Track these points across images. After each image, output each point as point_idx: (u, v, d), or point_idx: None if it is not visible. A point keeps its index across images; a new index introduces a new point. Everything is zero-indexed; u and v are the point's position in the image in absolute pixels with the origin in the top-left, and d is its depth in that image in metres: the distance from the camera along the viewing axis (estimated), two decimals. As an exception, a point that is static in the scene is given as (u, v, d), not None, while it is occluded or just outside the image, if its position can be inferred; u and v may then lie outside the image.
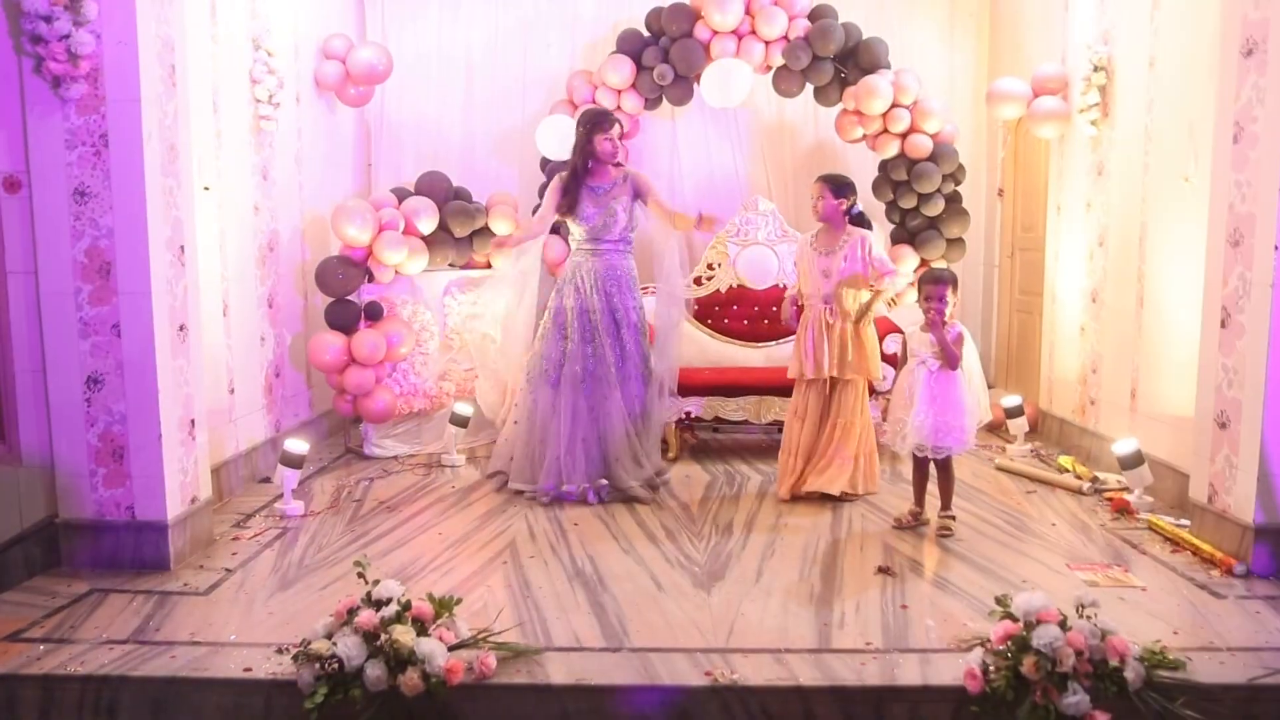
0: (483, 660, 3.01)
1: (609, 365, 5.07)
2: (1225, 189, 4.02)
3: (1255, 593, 3.71)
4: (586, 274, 5.12)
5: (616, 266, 5.15)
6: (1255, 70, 3.82)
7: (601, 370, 5.07)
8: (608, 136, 5.06)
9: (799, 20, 6.33)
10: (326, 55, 6.29)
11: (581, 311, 5.10)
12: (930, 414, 4.36)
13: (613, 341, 5.09)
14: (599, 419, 5.08)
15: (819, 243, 5.00)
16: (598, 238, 5.12)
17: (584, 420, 5.06)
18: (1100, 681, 2.89)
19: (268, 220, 5.61)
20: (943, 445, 4.38)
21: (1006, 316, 7.21)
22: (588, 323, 5.09)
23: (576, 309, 5.10)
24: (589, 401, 5.07)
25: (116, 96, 3.79)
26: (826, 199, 4.94)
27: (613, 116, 5.20)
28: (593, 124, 5.09)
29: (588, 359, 5.09)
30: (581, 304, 5.11)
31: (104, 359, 3.91)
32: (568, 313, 5.12)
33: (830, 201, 4.94)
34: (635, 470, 5.06)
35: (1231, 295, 3.99)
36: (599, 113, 5.24)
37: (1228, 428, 4.02)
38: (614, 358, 5.08)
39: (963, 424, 4.39)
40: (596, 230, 5.11)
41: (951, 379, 4.37)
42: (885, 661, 3.10)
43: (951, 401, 4.36)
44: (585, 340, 5.09)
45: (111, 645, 3.26)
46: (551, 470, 5.02)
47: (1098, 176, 5.71)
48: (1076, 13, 5.99)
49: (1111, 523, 4.62)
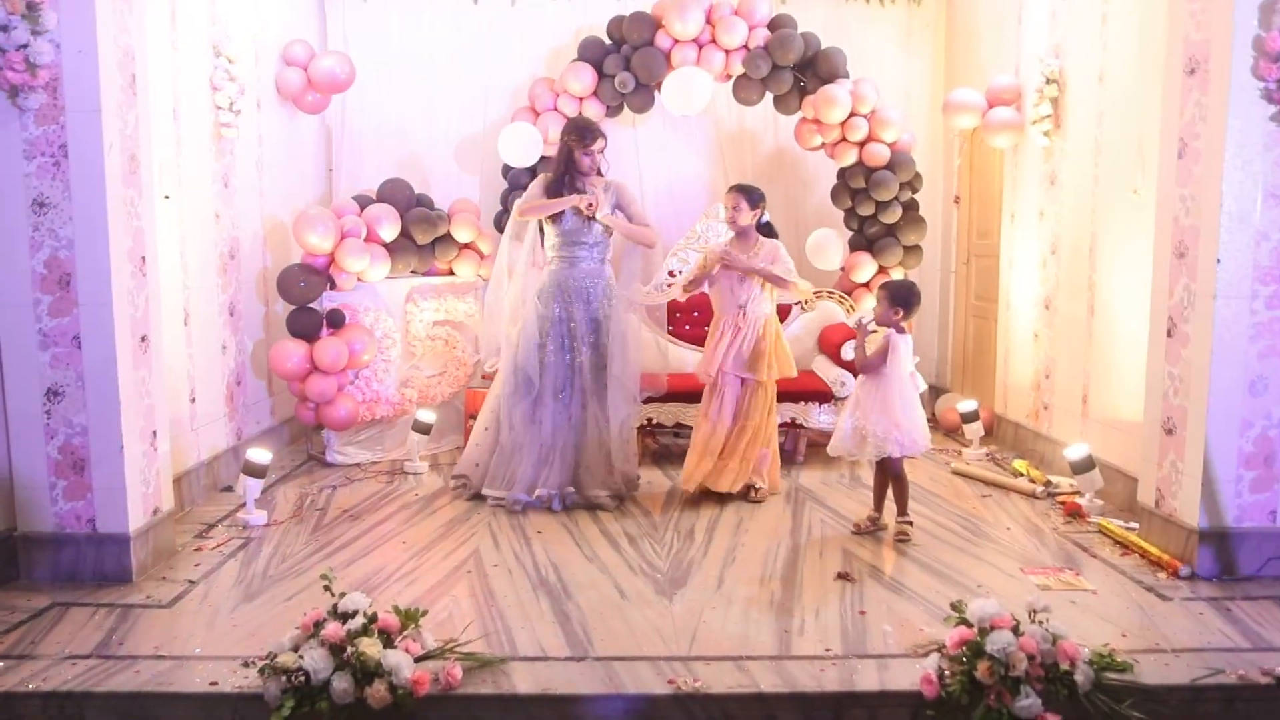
0: (449, 671, 3.03)
1: (587, 375, 5.11)
2: (1170, 203, 4.14)
3: (1199, 594, 3.82)
4: (565, 283, 5.13)
5: (594, 274, 5.18)
6: (1198, 89, 3.94)
7: (580, 380, 5.12)
8: (587, 151, 5.12)
9: (759, 29, 6.41)
10: (288, 62, 6.27)
11: (560, 320, 5.12)
12: (858, 420, 4.48)
13: (591, 351, 5.12)
14: (575, 428, 5.12)
15: (737, 249, 5.15)
16: (575, 243, 5.13)
17: (562, 430, 5.10)
18: (1051, 685, 2.97)
19: (229, 228, 5.58)
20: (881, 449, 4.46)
21: (963, 322, 7.34)
22: (566, 332, 5.12)
23: (555, 318, 5.12)
24: (567, 411, 5.12)
25: (76, 106, 3.77)
26: (743, 209, 5.10)
27: (596, 131, 5.20)
28: (576, 137, 5.14)
29: (565, 368, 5.12)
30: (560, 313, 5.12)
31: (64, 371, 3.89)
32: (546, 322, 5.12)
33: (746, 211, 5.10)
34: (605, 479, 5.08)
35: (1177, 306, 4.11)
36: (583, 127, 5.24)
37: (1174, 434, 4.15)
38: (591, 367, 5.12)
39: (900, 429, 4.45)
40: (573, 235, 5.13)
41: (884, 385, 4.44)
42: (844, 667, 3.17)
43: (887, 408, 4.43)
44: (564, 349, 5.12)
45: (74, 660, 3.24)
46: (525, 479, 5.04)
47: (1050, 186, 5.84)
48: (1029, 25, 6.12)
49: (1064, 526, 4.74)
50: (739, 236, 5.20)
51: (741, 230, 5.17)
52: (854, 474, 5.63)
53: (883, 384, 4.45)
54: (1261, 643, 3.38)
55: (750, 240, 5.17)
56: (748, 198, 5.13)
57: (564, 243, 5.15)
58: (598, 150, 5.18)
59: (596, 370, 5.12)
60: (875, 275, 6.63)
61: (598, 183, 5.20)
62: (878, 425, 4.41)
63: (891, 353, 4.43)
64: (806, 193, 7.28)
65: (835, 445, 4.59)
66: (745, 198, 5.12)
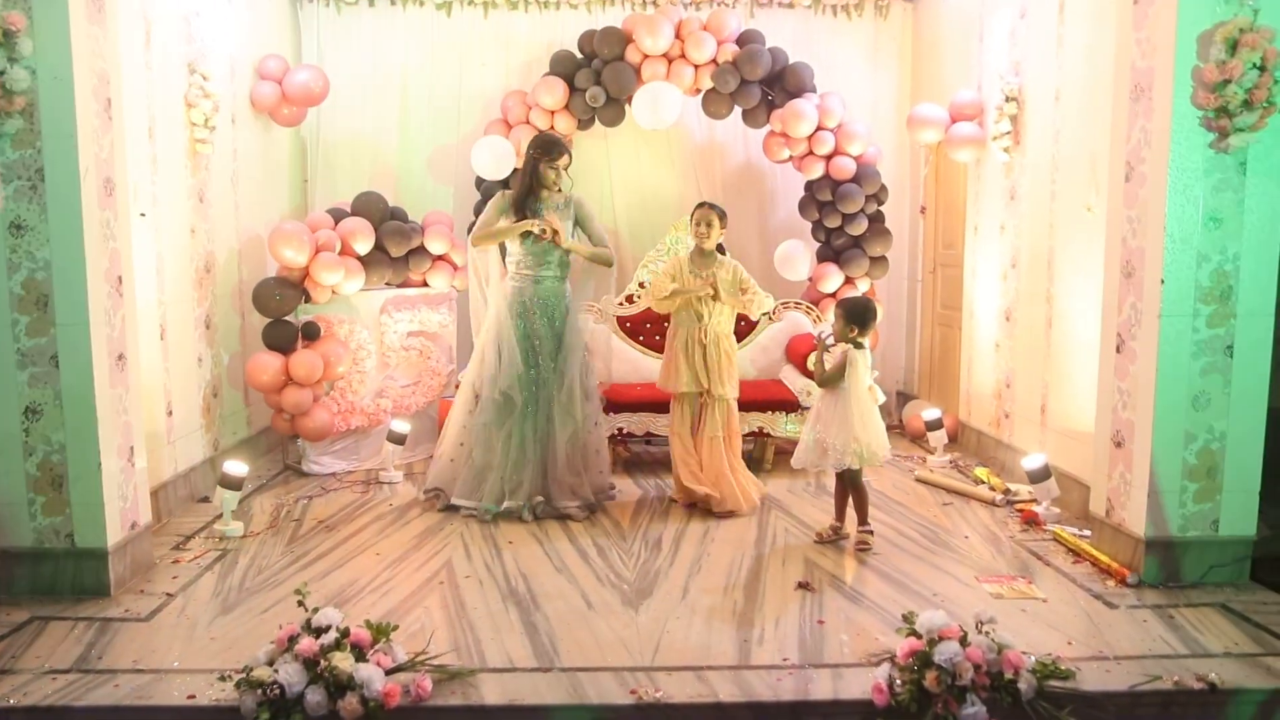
0: (419, 683, 3.14)
1: (552, 389, 5.21)
2: (1119, 223, 4.29)
3: (1145, 602, 3.98)
4: (529, 300, 5.23)
5: (557, 293, 5.27)
6: (1143, 115, 4.09)
7: (545, 395, 5.22)
8: (553, 165, 5.21)
9: (728, 45, 6.53)
10: (262, 76, 6.35)
11: (525, 337, 5.22)
12: (819, 432, 4.62)
13: (556, 366, 5.23)
14: (542, 441, 5.22)
15: (695, 266, 5.26)
16: (540, 262, 5.22)
17: (529, 444, 5.20)
18: (996, 693, 3.11)
19: (204, 242, 5.66)
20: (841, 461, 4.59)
21: (929, 330, 7.49)
22: (531, 349, 5.22)
23: (521, 335, 5.22)
24: (534, 424, 5.21)
25: (52, 131, 3.84)
26: (716, 227, 5.21)
27: (562, 147, 5.29)
28: (542, 151, 5.23)
29: (532, 384, 5.22)
30: (525, 330, 5.22)
31: (42, 390, 3.96)
32: (512, 338, 5.21)
33: (719, 230, 5.23)
34: (576, 490, 5.21)
35: (1125, 323, 4.27)
36: (550, 141, 5.34)
37: (1122, 446, 4.30)
38: (557, 382, 5.22)
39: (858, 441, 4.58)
40: (537, 254, 5.21)
41: (843, 399, 4.58)
42: (800, 677, 3.30)
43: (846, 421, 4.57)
44: (530, 365, 5.21)
45: (54, 675, 3.32)
46: (494, 490, 5.18)
47: (1010, 200, 6.00)
48: (990, 43, 6.27)
49: (1021, 534, 4.89)
50: (700, 253, 5.30)
51: (709, 247, 5.28)
52: (820, 483, 5.77)
53: (841, 398, 4.59)
54: (1199, 649, 3.53)
55: (712, 258, 5.29)
56: (723, 217, 5.25)
57: (528, 262, 5.25)
58: (562, 166, 5.26)
59: (561, 384, 5.22)
60: (842, 286, 6.78)
61: (558, 197, 5.29)
62: (837, 438, 4.55)
63: (849, 368, 4.56)
64: (775, 205, 7.43)
65: (798, 457, 4.73)
66: (721, 217, 5.24)
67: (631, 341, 6.61)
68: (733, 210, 7.31)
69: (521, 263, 5.26)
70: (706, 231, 5.22)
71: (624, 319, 6.65)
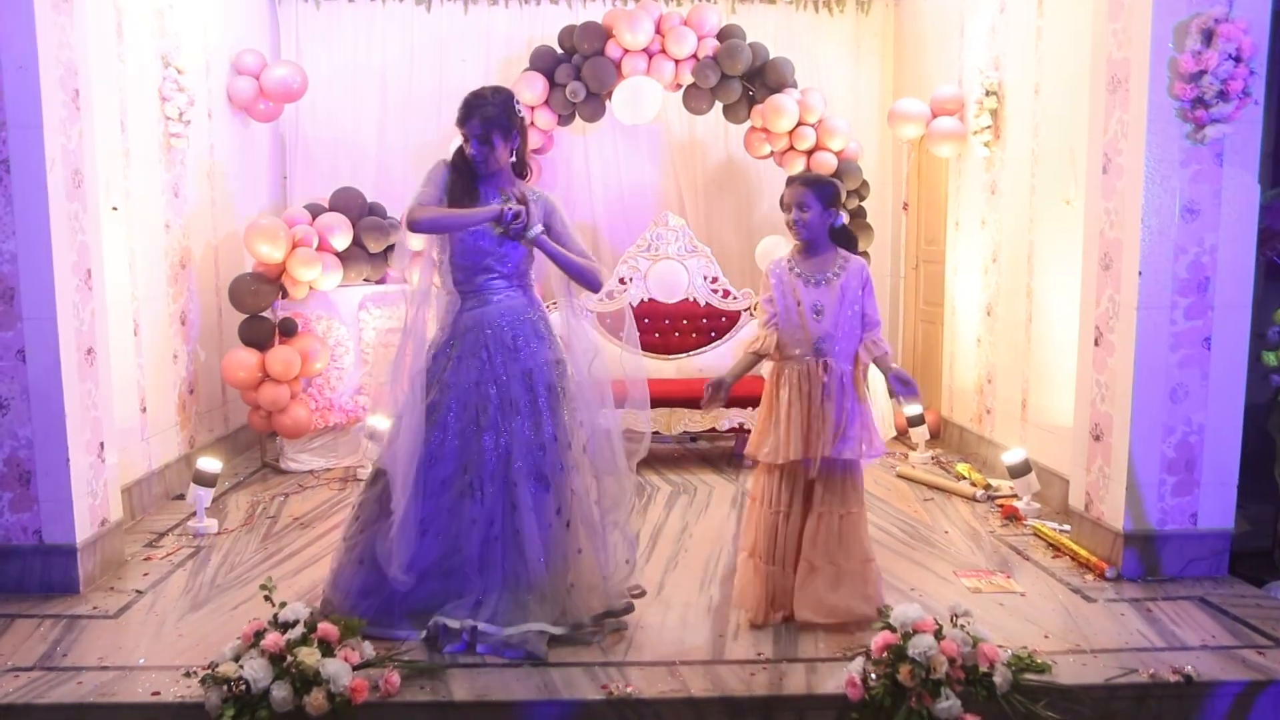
0: (387, 679, 3.10)
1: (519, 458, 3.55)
2: (1097, 216, 4.28)
3: (1123, 595, 3.96)
4: (475, 330, 3.60)
5: (518, 311, 3.64)
6: (1120, 107, 4.08)
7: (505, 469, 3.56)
8: (465, 135, 3.57)
9: (708, 40, 6.50)
10: (239, 71, 6.29)
11: (468, 388, 3.58)
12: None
13: (527, 422, 3.58)
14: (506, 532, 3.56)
15: (802, 268, 3.68)
16: (483, 269, 3.60)
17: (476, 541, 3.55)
18: (971, 686, 3.08)
19: (179, 238, 5.60)
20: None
21: (912, 326, 7.48)
22: (479, 402, 3.57)
23: (461, 385, 3.58)
24: (487, 511, 3.55)
25: (17, 122, 3.79)
26: (814, 210, 3.61)
27: (471, 105, 3.54)
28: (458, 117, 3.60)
29: (488, 453, 3.55)
30: (470, 376, 3.58)
31: (9, 384, 3.91)
32: (446, 392, 3.58)
33: (819, 214, 3.62)
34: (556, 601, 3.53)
35: (1104, 315, 4.25)
36: (462, 104, 3.59)
37: (1101, 440, 4.28)
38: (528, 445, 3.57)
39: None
40: (478, 260, 3.60)
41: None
42: (774, 671, 3.27)
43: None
44: (486, 428, 3.56)
45: (17, 673, 3.27)
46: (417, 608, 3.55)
47: (991, 195, 5.99)
48: (971, 38, 6.26)
49: (1001, 529, 4.87)
50: (807, 249, 3.70)
51: (812, 239, 3.68)
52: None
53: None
54: (1176, 642, 3.51)
55: (828, 253, 3.69)
56: (822, 194, 3.61)
57: (466, 271, 3.62)
58: (475, 135, 3.51)
59: (536, 448, 3.57)
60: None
61: (516, 193, 3.61)
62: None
63: None
64: (756, 200, 7.39)
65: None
66: (818, 194, 3.61)
67: (612, 338, 6.56)
68: (714, 206, 7.38)
69: (459, 274, 3.63)
70: (795, 218, 3.62)
71: (604, 315, 6.61)
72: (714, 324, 6.65)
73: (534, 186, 3.76)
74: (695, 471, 6.03)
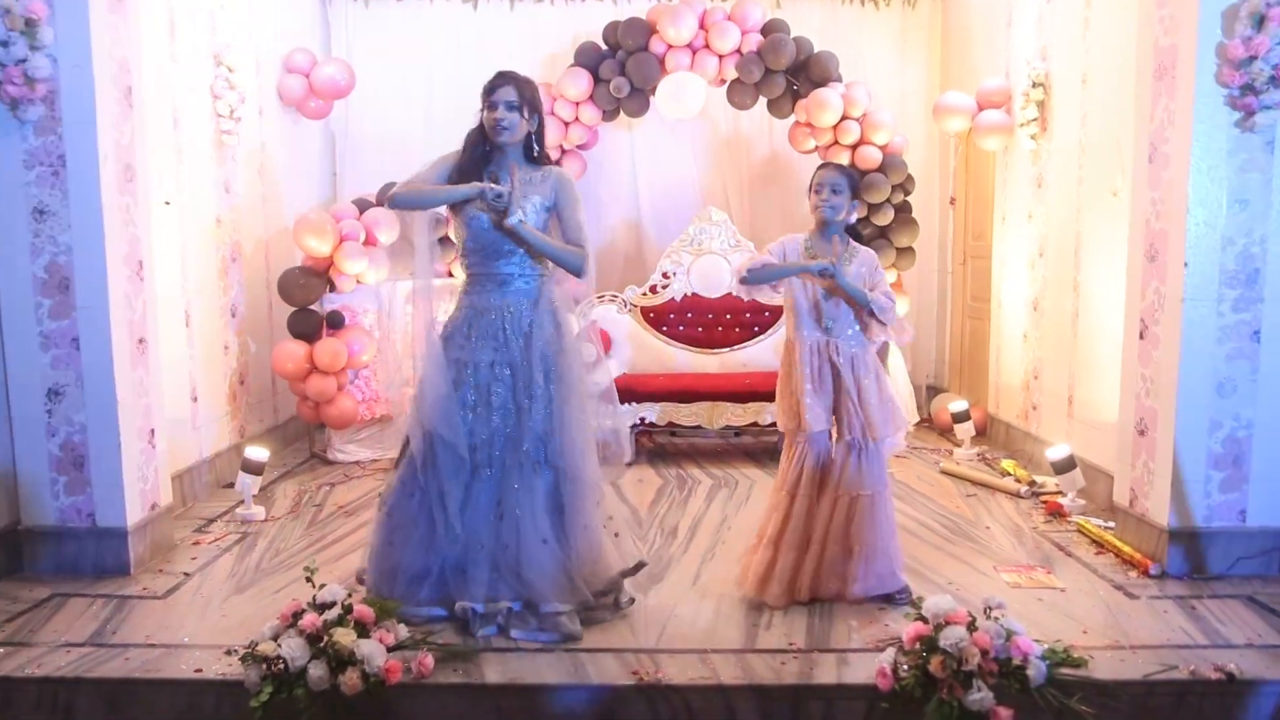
0: (421, 660, 3.15)
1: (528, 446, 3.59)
2: (1143, 206, 4.20)
3: (1167, 593, 3.89)
4: (488, 314, 3.62)
5: (532, 296, 3.64)
6: (1166, 94, 4.00)
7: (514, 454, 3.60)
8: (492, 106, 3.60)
9: (752, 34, 6.49)
10: (289, 69, 6.41)
11: (492, 366, 3.61)
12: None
13: (541, 406, 3.58)
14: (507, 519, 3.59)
15: (818, 249, 3.79)
16: (497, 254, 3.60)
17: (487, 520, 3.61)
18: (1004, 679, 3.04)
19: (230, 232, 5.73)
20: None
21: (959, 322, 7.39)
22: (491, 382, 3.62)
23: (474, 364, 3.61)
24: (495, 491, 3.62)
25: (73, 118, 3.91)
26: (844, 195, 3.73)
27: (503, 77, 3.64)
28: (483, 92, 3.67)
29: (496, 434, 3.61)
30: (485, 357, 3.61)
31: (64, 371, 4.04)
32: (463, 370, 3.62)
33: (847, 200, 3.74)
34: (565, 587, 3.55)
35: (1149, 308, 4.17)
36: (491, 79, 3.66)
37: (1146, 435, 4.21)
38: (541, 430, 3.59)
39: None
40: (493, 244, 3.59)
41: None
42: (805, 661, 3.27)
43: None
44: (496, 409, 3.60)
45: (69, 648, 3.39)
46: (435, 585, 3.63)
47: (1037, 188, 5.90)
48: (1018, 29, 6.18)
49: (1044, 525, 4.80)
50: (821, 235, 3.80)
51: (830, 224, 3.77)
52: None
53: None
54: (1220, 639, 3.44)
55: (841, 243, 3.81)
56: (853, 184, 3.76)
57: (481, 256, 3.62)
58: (505, 101, 3.54)
59: (544, 433, 3.59)
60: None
61: (531, 174, 3.63)
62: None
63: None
64: (801, 195, 7.28)
65: None
66: (851, 182, 3.76)
67: (655, 332, 6.60)
68: (758, 201, 7.37)
69: (473, 259, 3.66)
70: (824, 202, 3.71)
71: (648, 309, 6.64)
72: (757, 319, 6.64)
73: (550, 167, 3.71)
74: (737, 465, 6.03)
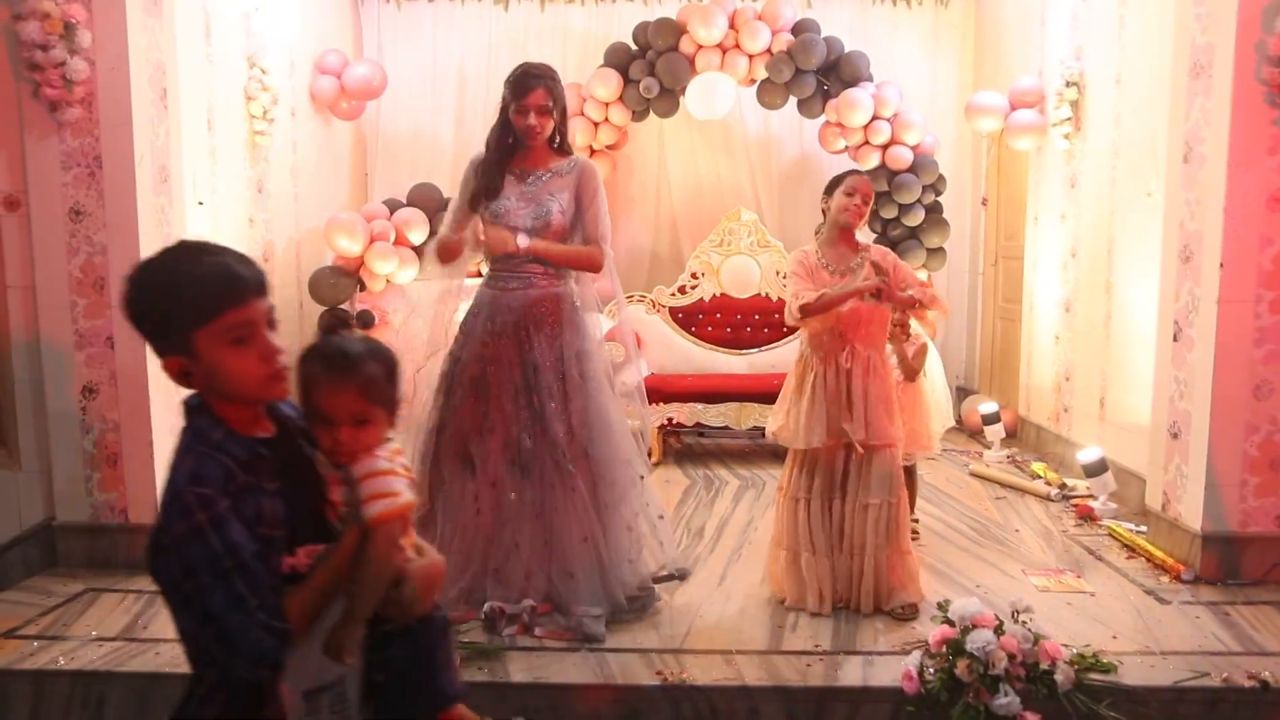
0: (447, 659, 3.17)
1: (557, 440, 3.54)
2: (1177, 207, 4.15)
3: (1199, 598, 3.84)
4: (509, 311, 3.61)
5: (552, 298, 3.60)
6: (1202, 93, 3.95)
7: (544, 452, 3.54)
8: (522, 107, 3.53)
9: (782, 34, 6.46)
10: (321, 70, 6.47)
11: (513, 364, 3.57)
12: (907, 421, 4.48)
13: (559, 404, 3.56)
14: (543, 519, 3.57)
15: (829, 258, 3.79)
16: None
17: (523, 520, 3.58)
18: (1032, 684, 3.02)
19: (263, 232, 5.79)
20: (910, 453, 4.50)
21: (990, 323, 7.33)
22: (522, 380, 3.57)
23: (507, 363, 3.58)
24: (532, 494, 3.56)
25: (109, 120, 3.97)
26: (870, 206, 3.82)
27: (534, 77, 3.54)
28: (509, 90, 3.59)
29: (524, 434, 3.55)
30: (518, 356, 3.57)
31: (98, 370, 4.10)
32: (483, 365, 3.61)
33: (866, 208, 3.80)
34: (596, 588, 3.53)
35: (1183, 310, 4.12)
36: (517, 74, 3.57)
37: (1179, 438, 4.15)
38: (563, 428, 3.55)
39: (928, 431, 4.52)
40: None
41: (914, 389, 4.50)
42: (830, 663, 3.26)
43: (916, 411, 4.49)
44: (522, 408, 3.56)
45: (101, 642, 3.44)
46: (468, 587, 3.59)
47: (1070, 189, 5.84)
48: (1052, 28, 6.11)
49: (1074, 529, 4.75)
50: (836, 241, 3.82)
51: (848, 228, 3.81)
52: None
53: (918, 387, 4.49)
54: (1254, 647, 3.39)
55: (853, 246, 3.84)
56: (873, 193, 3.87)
57: (504, 255, 3.58)
58: (536, 107, 3.48)
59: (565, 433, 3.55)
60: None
61: (558, 165, 3.61)
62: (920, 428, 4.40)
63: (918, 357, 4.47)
64: (831, 195, 7.32)
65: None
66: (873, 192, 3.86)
67: (684, 332, 6.60)
68: (788, 201, 7.35)
69: (496, 257, 3.63)
70: (852, 208, 3.74)
71: (677, 309, 6.65)
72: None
73: (576, 156, 3.71)
74: (764, 466, 6.00)
